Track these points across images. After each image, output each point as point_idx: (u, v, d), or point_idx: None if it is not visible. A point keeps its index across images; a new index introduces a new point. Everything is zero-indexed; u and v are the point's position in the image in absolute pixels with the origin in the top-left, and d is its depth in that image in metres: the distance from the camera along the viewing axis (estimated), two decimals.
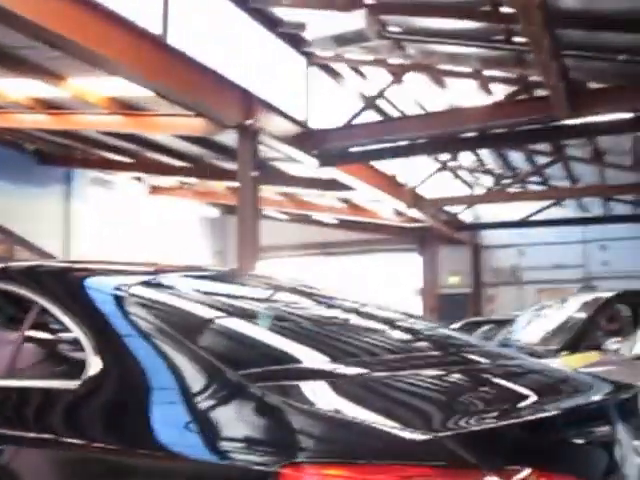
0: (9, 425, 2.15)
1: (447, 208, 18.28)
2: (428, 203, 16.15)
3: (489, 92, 11.59)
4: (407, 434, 1.62)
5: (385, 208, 16.82)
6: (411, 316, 3.15)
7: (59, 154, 15.70)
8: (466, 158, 16.52)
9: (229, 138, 11.16)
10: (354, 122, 11.62)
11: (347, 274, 20.99)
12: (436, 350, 2.74)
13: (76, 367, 2.04)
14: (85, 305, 2.20)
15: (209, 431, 1.77)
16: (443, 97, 12.16)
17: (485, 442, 1.68)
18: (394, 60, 11.09)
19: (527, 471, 1.63)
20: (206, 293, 2.68)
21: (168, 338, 1.98)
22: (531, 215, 18.43)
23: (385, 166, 14.61)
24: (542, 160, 15.45)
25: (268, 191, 17.51)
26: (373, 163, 13.77)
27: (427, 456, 1.56)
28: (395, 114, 12.96)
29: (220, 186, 17.26)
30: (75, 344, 2.12)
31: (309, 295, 3.05)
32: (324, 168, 12.13)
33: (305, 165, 12.37)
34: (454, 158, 15.64)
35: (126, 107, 11.03)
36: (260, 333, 2.35)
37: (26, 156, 15.39)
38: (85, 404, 2.01)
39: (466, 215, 19.79)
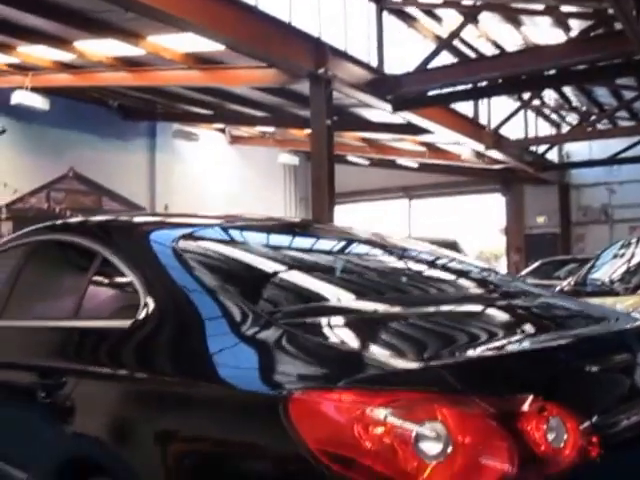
0: (76, 360, 2.43)
1: (532, 148, 17.90)
2: (510, 144, 15.88)
3: (566, 28, 11.22)
4: (405, 363, 1.79)
5: (466, 150, 16.62)
6: (454, 259, 3.30)
7: (142, 109, 16.20)
8: (550, 97, 16.10)
9: (305, 87, 11.26)
10: (429, 65, 11.48)
11: (431, 216, 21.01)
12: (463, 288, 2.92)
13: (132, 308, 2.25)
14: (140, 255, 2.44)
15: (237, 361, 1.95)
16: (518, 36, 11.86)
17: (478, 371, 1.80)
18: (467, 1, 10.88)
19: (527, 400, 1.69)
20: (248, 242, 2.84)
21: (207, 283, 2.18)
22: (621, 152, 17.82)
23: (464, 108, 14.44)
24: (629, 95, 14.90)
25: (348, 137, 17.64)
26: (451, 105, 13.62)
27: (423, 383, 1.70)
28: (471, 56, 12.73)
29: (300, 134, 17.43)
30: (131, 288, 2.33)
31: (348, 239, 3.20)
32: (400, 113, 12.10)
33: (379, 110, 12.36)
34: (537, 97, 15.27)
35: (201, 61, 11.26)
36: (294, 276, 2.54)
37: (111, 112, 15.94)
38: (135, 340, 2.24)
39: (553, 154, 19.32)
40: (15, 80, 12.99)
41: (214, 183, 18.33)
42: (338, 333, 2.06)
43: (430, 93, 12.18)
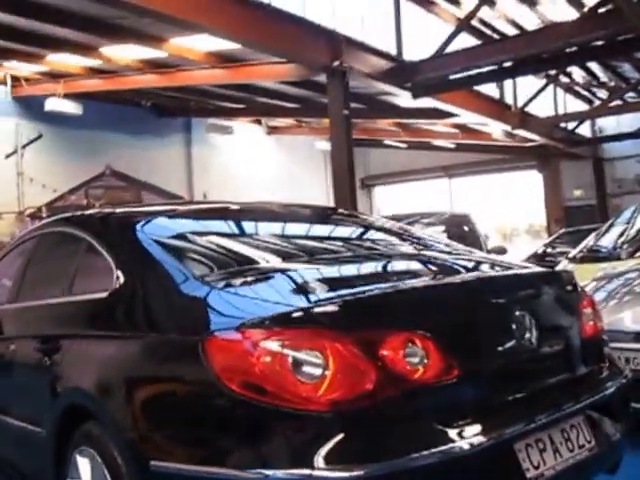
0: (67, 327, 2.97)
1: (563, 124, 17.83)
2: (539, 122, 15.86)
3: (580, 5, 11.20)
4: (297, 306, 2.19)
5: (496, 130, 16.65)
6: (394, 228, 3.72)
7: (175, 106, 16.64)
8: (577, 74, 16.02)
9: None
10: (447, 49, 11.48)
11: (471, 194, 21.18)
12: (381, 248, 3.32)
13: (109, 281, 2.73)
14: (112, 239, 2.98)
15: (173, 315, 2.43)
16: (534, 15, 11.86)
17: (354, 309, 2.19)
18: None
19: (389, 331, 2.13)
20: (199, 224, 3.35)
21: (158, 258, 2.65)
22: None
23: (489, 89, 14.46)
24: None
25: (382, 123, 17.87)
26: (476, 87, 13.63)
27: (308, 321, 2.11)
28: (492, 36, 12.75)
29: None
30: (108, 265, 2.81)
31: (290, 216, 3.69)
32: (421, 99, 12.20)
33: (400, 98, 12.50)
34: (562, 74, 15.22)
35: (223, 60, 11.58)
36: (230, 247, 3.02)
37: (146, 111, 16.42)
38: (109, 306, 2.71)
39: (586, 130, 19.22)
40: (48, 88, 13.59)
41: (252, 172, 18.72)
42: (252, 287, 2.46)
43: (452, 77, 12.23)
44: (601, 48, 11.52)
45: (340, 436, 1.98)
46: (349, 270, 2.81)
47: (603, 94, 17.26)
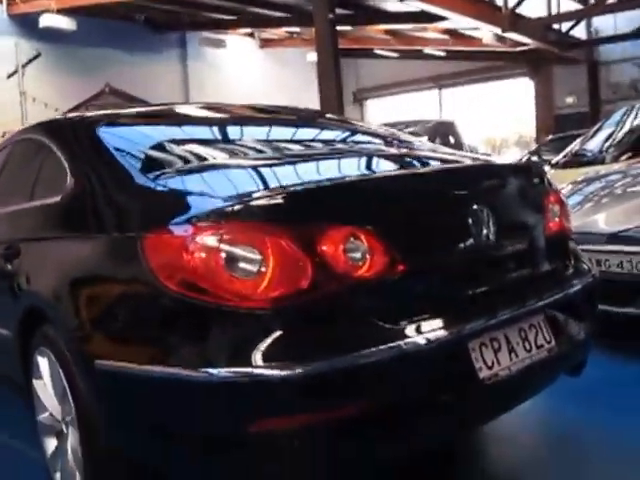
0: (26, 232, 3.00)
1: (556, 27, 17.76)
2: (531, 23, 15.82)
3: None
4: (236, 201, 2.08)
5: (487, 34, 16.67)
6: (361, 129, 3.62)
7: (169, 20, 16.81)
8: None
9: None
10: None
11: (461, 105, 21.26)
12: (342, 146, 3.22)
13: (63, 185, 2.69)
14: (69, 143, 2.90)
15: (120, 215, 2.40)
16: None
17: (292, 204, 2.08)
18: None
19: (328, 226, 2.03)
20: (156, 127, 3.24)
21: (110, 159, 2.60)
22: None
23: None
24: None
25: (373, 31, 17.94)
26: None
27: (244, 216, 2.02)
28: None
29: None
30: (63, 170, 2.76)
31: (251, 117, 3.58)
32: (409, 1, 12.33)
33: (389, 1, 12.64)
34: None
35: None
36: (182, 148, 2.91)
37: (140, 26, 16.60)
38: (62, 209, 2.70)
39: (581, 32, 19.10)
40: (42, 4, 13.80)
41: (246, 86, 18.93)
42: (191, 183, 2.40)
43: None
44: None
45: (279, 333, 1.93)
46: (302, 167, 2.65)
47: None
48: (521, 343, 2.36)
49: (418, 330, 2.08)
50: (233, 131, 3.27)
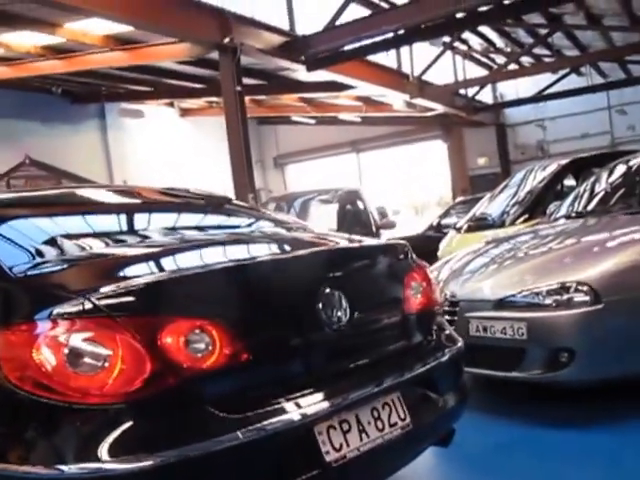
0: None
1: (463, 92, 18.61)
2: (438, 90, 16.54)
3: None
4: (76, 296, 2.06)
5: (397, 100, 17.34)
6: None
7: (87, 92, 16.88)
8: (474, 41, 16.77)
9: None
10: (339, 21, 11.73)
11: (380, 168, 21.88)
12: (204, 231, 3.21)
13: None
14: None
15: None
16: None
17: (135, 296, 2.08)
18: None
19: (168, 319, 2.06)
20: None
21: None
22: (547, 88, 18.63)
23: (388, 59, 15.06)
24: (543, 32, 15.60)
25: (287, 99, 18.40)
26: (373, 58, 14.14)
27: (84, 312, 2.02)
28: (378, 7, 13.26)
29: None
30: None
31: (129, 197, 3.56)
32: (316, 72, 12.73)
33: (299, 72, 13.03)
34: (457, 41, 15.94)
35: (121, 42, 11.97)
36: (63, 237, 2.78)
37: (58, 98, 16.59)
38: None
39: (488, 97, 20.09)
40: None
41: (167, 155, 19.10)
42: (55, 278, 2.32)
43: (345, 48, 12.68)
44: (490, 12, 11.97)
45: (124, 427, 1.96)
46: (169, 257, 2.58)
47: (501, 60, 18.03)
48: (373, 423, 2.40)
49: (260, 418, 2.10)
50: (116, 219, 3.25)
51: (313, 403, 2.25)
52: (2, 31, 11.27)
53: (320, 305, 2.40)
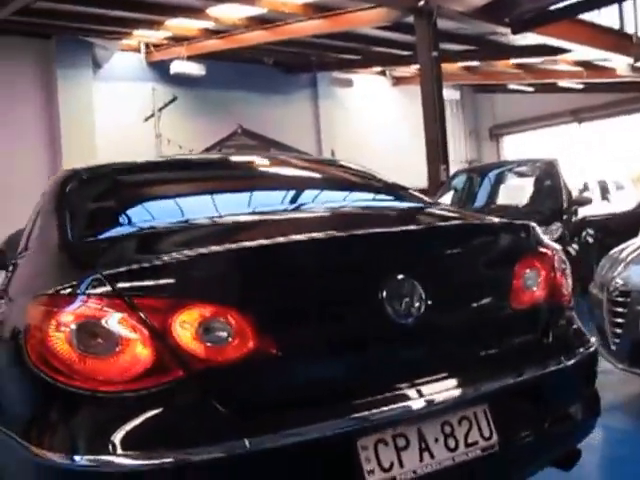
0: None
1: None
2: None
3: None
4: (92, 273, 1.90)
5: (621, 65, 15.85)
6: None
7: (298, 62, 17.30)
8: None
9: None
10: None
11: (603, 140, 20.28)
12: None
13: None
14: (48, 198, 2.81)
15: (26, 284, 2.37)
16: None
17: (151, 277, 1.90)
18: None
19: (183, 304, 1.83)
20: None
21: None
22: None
23: (609, 20, 13.86)
24: None
25: (501, 65, 17.61)
26: (588, 18, 13.09)
27: (96, 290, 1.85)
28: None
29: (453, 68, 17.62)
30: None
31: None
32: (522, 34, 12.02)
33: (505, 36, 12.38)
34: None
35: (318, 10, 12.06)
36: (133, 209, 2.69)
37: (271, 69, 17.20)
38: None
39: None
40: (175, 51, 14.68)
41: (377, 125, 19.11)
42: (97, 251, 2.23)
43: (554, 7, 11.82)
44: None
45: (138, 420, 1.78)
46: (196, 232, 2.35)
47: None
48: (442, 440, 1.98)
49: (284, 425, 1.81)
50: (200, 188, 3.06)
51: (357, 412, 1.90)
52: (211, 4, 11.81)
53: (384, 294, 2.00)
